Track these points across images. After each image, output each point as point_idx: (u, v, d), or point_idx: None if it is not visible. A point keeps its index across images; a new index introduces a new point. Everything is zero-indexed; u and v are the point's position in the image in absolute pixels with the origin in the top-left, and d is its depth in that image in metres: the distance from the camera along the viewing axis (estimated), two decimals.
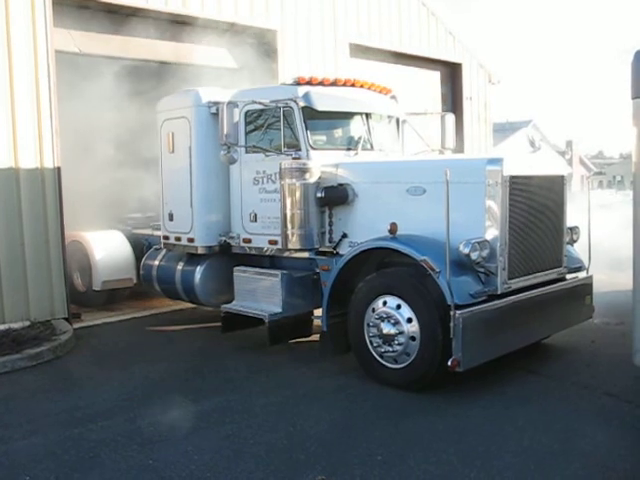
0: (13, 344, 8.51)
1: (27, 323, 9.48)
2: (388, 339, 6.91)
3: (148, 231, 11.64)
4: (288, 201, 7.85)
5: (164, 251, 10.19)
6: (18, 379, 7.73)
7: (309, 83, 8.42)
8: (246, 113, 8.64)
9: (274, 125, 8.36)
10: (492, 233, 6.84)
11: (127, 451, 5.62)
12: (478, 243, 6.69)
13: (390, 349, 6.92)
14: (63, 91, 10.33)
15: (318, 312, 8.06)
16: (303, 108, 8.17)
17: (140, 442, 5.79)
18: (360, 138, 8.69)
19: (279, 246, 8.29)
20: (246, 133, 8.69)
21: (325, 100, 8.34)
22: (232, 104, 7.95)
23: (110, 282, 11.23)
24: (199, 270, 9.37)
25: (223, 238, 9.14)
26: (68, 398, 7.00)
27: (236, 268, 8.92)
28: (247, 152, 8.61)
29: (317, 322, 8.19)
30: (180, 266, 9.72)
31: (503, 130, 45.41)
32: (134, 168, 11.52)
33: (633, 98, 5.82)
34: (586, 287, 8.23)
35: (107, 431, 6.06)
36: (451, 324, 6.33)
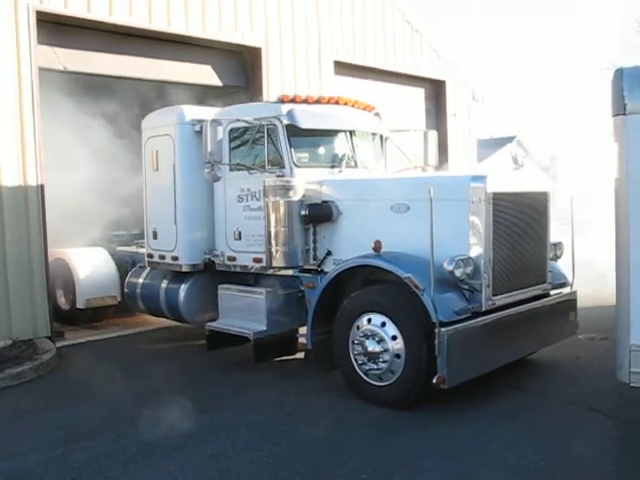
0: None
1: (9, 342, 9.39)
2: (373, 357, 6.89)
3: (132, 249, 11.59)
4: (272, 219, 7.85)
5: (148, 269, 10.13)
6: None
7: (293, 101, 8.44)
8: (230, 131, 8.64)
9: (258, 143, 8.37)
10: (476, 250, 6.85)
11: (110, 471, 5.56)
12: (462, 260, 6.71)
13: (375, 367, 6.90)
14: (47, 108, 10.32)
15: (303, 330, 8.03)
16: (287, 126, 8.19)
17: (123, 462, 5.73)
18: (344, 155, 8.71)
19: (264, 264, 8.27)
20: (230, 151, 8.68)
21: (309, 118, 8.36)
22: (216, 122, 7.96)
23: (94, 300, 11.16)
24: (183, 288, 9.32)
25: (207, 256, 9.11)
26: (50, 418, 6.93)
27: (221, 286, 8.89)
28: (231, 170, 8.61)
29: (302, 340, 8.15)
30: (164, 284, 9.67)
31: (487, 146, 45.58)
32: (119, 185, 11.49)
33: (613, 115, 5.87)
34: (570, 303, 8.26)
35: (90, 451, 5.99)
36: (436, 341, 6.32)
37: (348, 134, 8.88)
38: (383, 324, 6.87)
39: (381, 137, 9.54)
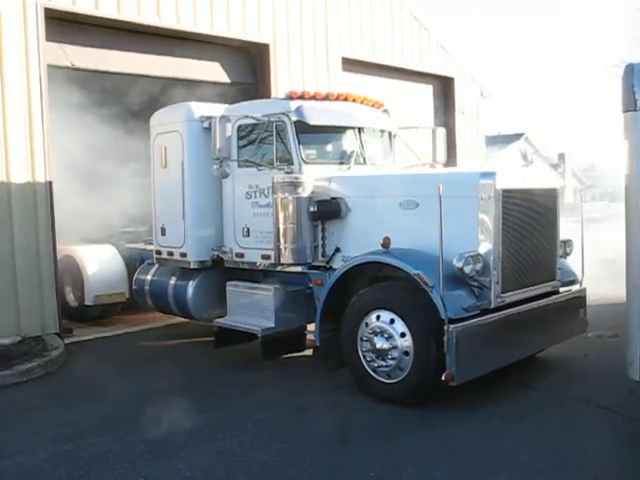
0: (3, 360, 8.45)
1: (18, 338, 9.42)
2: (381, 354, 6.87)
3: (141, 245, 11.60)
4: (281, 215, 7.82)
5: (157, 265, 10.14)
6: (8, 395, 7.66)
7: (301, 97, 8.42)
8: (238, 127, 8.63)
9: (267, 139, 8.34)
10: (485, 247, 6.82)
11: (117, 468, 5.56)
12: (471, 257, 6.68)
13: (384, 364, 6.88)
14: (56, 105, 10.32)
15: (311, 327, 8.02)
16: (295, 122, 8.16)
17: (131, 459, 5.73)
18: (353, 152, 8.69)
19: (272, 261, 8.25)
20: (238, 147, 8.67)
21: (317, 114, 8.33)
22: (224, 118, 7.95)
23: (102, 297, 11.17)
24: (192, 285, 9.32)
25: (216, 253, 9.10)
26: (58, 414, 6.94)
27: (229, 283, 8.88)
28: (240, 166, 8.60)
29: (310, 337, 8.14)
30: (173, 281, 9.67)
31: (495, 143, 45.59)
32: (127, 182, 11.49)
33: (624, 112, 5.82)
34: (579, 300, 8.21)
35: (98, 448, 5.99)
36: (445, 338, 6.29)
37: (357, 131, 8.85)
38: (392, 321, 6.84)
39: (390, 134, 9.51)
